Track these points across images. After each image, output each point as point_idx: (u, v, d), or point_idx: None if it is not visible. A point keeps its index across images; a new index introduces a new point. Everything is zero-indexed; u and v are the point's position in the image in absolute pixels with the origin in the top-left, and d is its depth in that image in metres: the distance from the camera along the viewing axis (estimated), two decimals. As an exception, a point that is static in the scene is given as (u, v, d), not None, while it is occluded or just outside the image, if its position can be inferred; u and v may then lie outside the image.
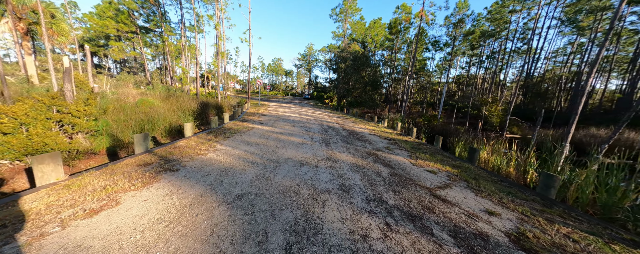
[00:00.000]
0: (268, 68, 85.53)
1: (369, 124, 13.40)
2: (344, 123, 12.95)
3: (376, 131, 10.77)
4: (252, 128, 8.83)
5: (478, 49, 31.77)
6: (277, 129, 9.09)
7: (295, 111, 18.45)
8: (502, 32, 28.26)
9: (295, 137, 7.51)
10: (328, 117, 16.04)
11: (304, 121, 12.20)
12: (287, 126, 9.96)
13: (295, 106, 24.62)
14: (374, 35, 34.42)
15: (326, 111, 21.60)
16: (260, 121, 11.22)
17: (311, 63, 68.96)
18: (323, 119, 13.98)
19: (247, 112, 14.93)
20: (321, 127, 10.55)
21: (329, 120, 13.94)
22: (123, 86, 18.57)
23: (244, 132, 7.81)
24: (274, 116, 13.62)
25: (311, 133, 8.62)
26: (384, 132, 10.52)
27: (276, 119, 12.44)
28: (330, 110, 23.81)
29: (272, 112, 16.45)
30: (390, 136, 9.33)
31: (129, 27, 23.65)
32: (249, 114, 13.85)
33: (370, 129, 11.28)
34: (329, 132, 9.07)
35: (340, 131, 9.82)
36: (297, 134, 8.27)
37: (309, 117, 14.82)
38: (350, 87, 25.70)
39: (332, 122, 13.05)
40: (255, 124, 10.09)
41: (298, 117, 13.91)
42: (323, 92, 46.85)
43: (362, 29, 34.82)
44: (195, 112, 11.59)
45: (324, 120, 13.67)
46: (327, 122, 12.54)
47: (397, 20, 25.49)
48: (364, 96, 25.39)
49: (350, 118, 16.55)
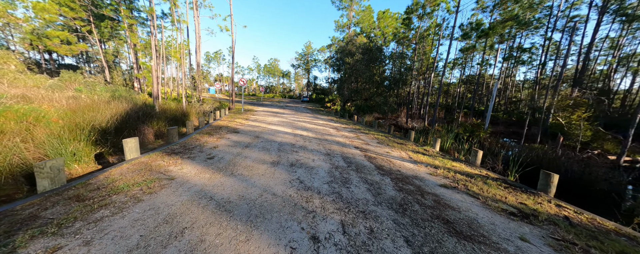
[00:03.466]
0: (264, 69, 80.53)
1: (407, 147, 8.14)
2: (365, 146, 7.71)
3: (440, 169, 5.52)
4: (169, 180, 3.58)
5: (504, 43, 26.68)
6: (229, 183, 3.84)
7: (289, 121, 13.20)
8: (543, 21, 23.25)
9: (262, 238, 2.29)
10: (335, 130, 10.81)
11: (297, 147, 6.94)
12: (260, 169, 4.70)
13: (291, 112, 19.37)
14: (384, 27, 29.35)
15: (330, 119, 16.39)
16: (217, 146, 5.99)
17: (310, 63, 64.02)
18: (328, 136, 8.76)
19: (213, 126, 9.65)
20: (332, 165, 5.30)
21: (340, 138, 8.69)
22: (63, 88, 13.64)
23: (113, 211, 2.57)
24: (251, 133, 8.36)
25: (315, 207, 3.38)
26: (451, 167, 5.31)
27: (250, 140, 7.19)
28: (334, 117, 18.60)
29: (253, 124, 11.19)
30: (497, 194, 4.12)
31: (75, 13, 18.50)
32: (213, 130, 8.57)
33: (420, 160, 6.07)
34: (357, 194, 3.83)
35: (375, 176, 4.59)
36: (275, 211, 3.03)
37: (306, 133, 9.56)
38: (359, 87, 20.51)
39: (345, 142, 7.81)
40: (193, 163, 4.82)
41: (289, 136, 8.65)
42: (323, 95, 41.69)
43: (370, 19, 29.73)
44: (105, 130, 6.32)
45: (330, 138, 8.43)
46: (338, 146, 7.29)
47: (417, 2, 20.37)
48: (377, 99, 20.19)
49: (367, 132, 11.31)
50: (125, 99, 13.73)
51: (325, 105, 30.88)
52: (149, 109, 11.59)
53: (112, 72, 22.67)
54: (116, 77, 22.10)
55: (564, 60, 15.05)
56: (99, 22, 20.11)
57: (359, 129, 12.27)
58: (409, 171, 5.18)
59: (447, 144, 8.77)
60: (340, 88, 22.77)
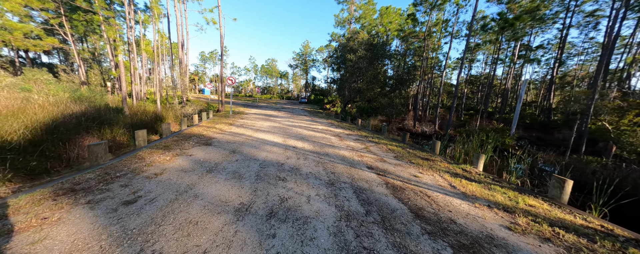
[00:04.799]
0: (261, 70, 78.43)
1: (437, 164, 6.04)
2: (381, 166, 5.60)
3: (518, 215, 3.43)
4: None
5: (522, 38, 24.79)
6: None
7: (282, 126, 11.11)
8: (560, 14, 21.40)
9: None
10: (337, 139, 8.71)
11: (286, 169, 4.83)
12: (210, 227, 2.58)
13: (286, 115, 17.28)
14: (387, 24, 27.38)
15: (330, 123, 14.31)
16: (162, 172, 3.86)
17: (308, 63, 62.08)
18: (330, 148, 6.66)
19: (182, 134, 7.50)
20: (339, 209, 3.17)
21: (345, 151, 6.58)
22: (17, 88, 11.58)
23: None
24: (227, 146, 6.25)
25: None
26: (529, 209, 3.23)
27: (221, 159, 5.07)
28: (335, 120, 16.51)
29: (237, 131, 9.09)
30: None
31: (42, 3, 16.28)
32: (177, 141, 6.44)
33: (470, 192, 3.97)
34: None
35: (421, 242, 2.49)
36: None
37: (302, 144, 7.46)
38: (362, 87, 18.45)
39: (354, 159, 5.72)
40: (86, 216, 2.70)
41: (278, 150, 6.55)
42: (322, 96, 39.64)
43: (373, 14, 27.74)
44: (9, 144, 4.21)
45: (333, 151, 6.32)
46: (345, 165, 5.18)
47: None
48: (381, 100, 18.14)
49: (376, 141, 9.22)
50: (86, 100, 11.62)
51: (325, 107, 28.83)
52: (111, 113, 9.46)
53: (90, 71, 20.47)
54: (93, 77, 19.92)
55: (607, 56, 13.05)
56: (71, 14, 17.92)
57: (366, 136, 10.19)
58: (470, 221, 3.09)
59: (486, 159, 6.72)
60: (341, 88, 20.72)
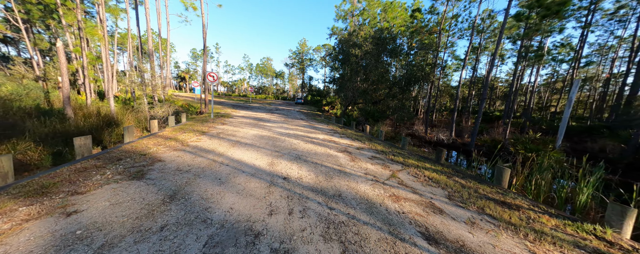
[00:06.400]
0: (256, 69, 75.61)
1: (541, 228, 3.60)
2: (445, 229, 3.11)
3: None
4: None
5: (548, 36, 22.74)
6: None
7: (272, 136, 8.55)
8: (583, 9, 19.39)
9: None
10: (347, 156, 6.20)
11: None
12: None
13: (279, 118, 14.73)
14: (392, 19, 25.09)
15: (332, 130, 11.81)
16: None
17: (304, 62, 59.59)
18: (340, 178, 4.12)
19: (115, 153, 4.92)
20: None
21: (366, 185, 4.04)
22: None
23: None
24: (177, 176, 3.69)
25: None
26: None
27: (143, 213, 2.53)
28: (337, 125, 14.02)
29: (207, 145, 6.51)
30: None
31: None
32: (104, 163, 3.87)
33: None
34: None
35: None
36: None
37: (296, 171, 4.93)
38: (367, 87, 16.00)
39: (385, 205, 3.19)
40: None
41: (256, 186, 3.99)
42: (319, 97, 37.10)
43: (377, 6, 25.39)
44: None
45: (346, 187, 3.78)
46: (377, 231, 2.71)
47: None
48: (390, 102, 15.73)
49: (400, 159, 6.73)
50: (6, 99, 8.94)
51: (323, 109, 26.33)
52: (35, 118, 6.83)
53: (49, 64, 17.60)
54: (53, 71, 17.07)
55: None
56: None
57: (383, 151, 7.69)
58: None
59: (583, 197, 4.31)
60: (342, 88, 18.27)
